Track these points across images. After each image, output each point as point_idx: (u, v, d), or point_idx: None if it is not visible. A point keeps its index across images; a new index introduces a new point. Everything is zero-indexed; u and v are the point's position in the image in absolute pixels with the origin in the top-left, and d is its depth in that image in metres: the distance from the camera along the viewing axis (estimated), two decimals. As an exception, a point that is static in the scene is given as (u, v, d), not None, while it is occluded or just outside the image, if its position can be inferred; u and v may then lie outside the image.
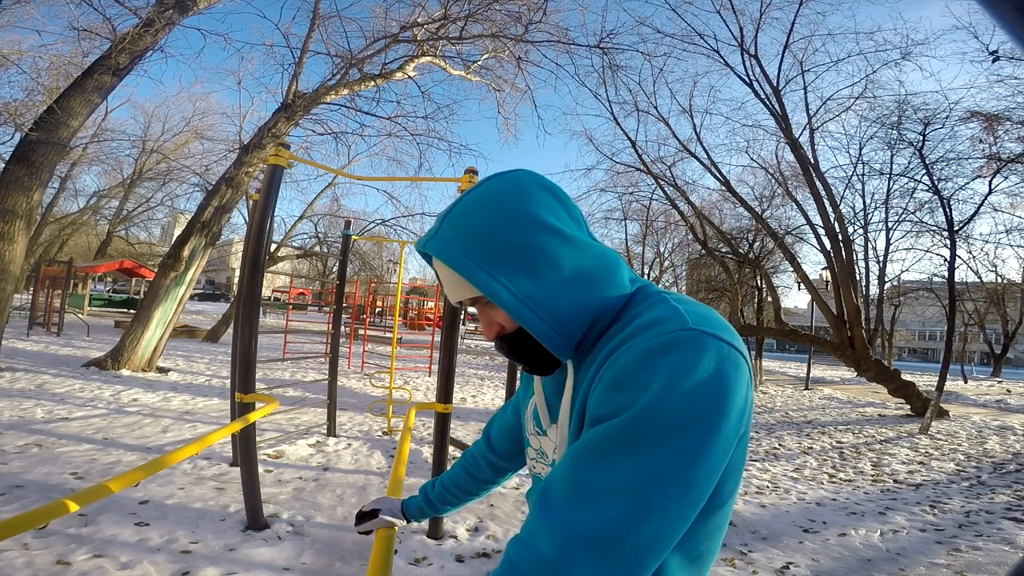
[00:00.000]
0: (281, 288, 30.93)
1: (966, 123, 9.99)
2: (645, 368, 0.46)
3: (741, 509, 3.62)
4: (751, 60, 10.04)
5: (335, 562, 2.37)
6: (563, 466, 0.49)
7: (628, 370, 0.47)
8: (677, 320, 0.49)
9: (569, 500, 0.46)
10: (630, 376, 0.47)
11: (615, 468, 0.45)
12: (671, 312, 0.51)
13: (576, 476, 0.47)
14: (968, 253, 14.12)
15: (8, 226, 5.20)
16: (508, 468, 0.91)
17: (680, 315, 0.50)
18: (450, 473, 0.95)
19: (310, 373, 8.38)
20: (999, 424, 7.92)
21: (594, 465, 0.46)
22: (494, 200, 0.56)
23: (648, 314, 0.53)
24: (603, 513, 0.43)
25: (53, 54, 7.86)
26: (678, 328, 0.48)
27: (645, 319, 0.52)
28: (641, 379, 0.46)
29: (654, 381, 0.45)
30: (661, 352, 0.46)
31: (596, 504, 0.44)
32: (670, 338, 0.47)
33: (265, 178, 2.79)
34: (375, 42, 8.54)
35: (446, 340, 2.83)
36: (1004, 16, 0.22)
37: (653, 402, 0.44)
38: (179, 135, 21.00)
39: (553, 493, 0.48)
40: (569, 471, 0.48)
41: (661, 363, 0.46)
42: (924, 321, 28.17)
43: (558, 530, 0.45)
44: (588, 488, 0.45)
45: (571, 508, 0.45)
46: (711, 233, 14.38)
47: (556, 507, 0.46)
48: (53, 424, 4.14)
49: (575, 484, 0.46)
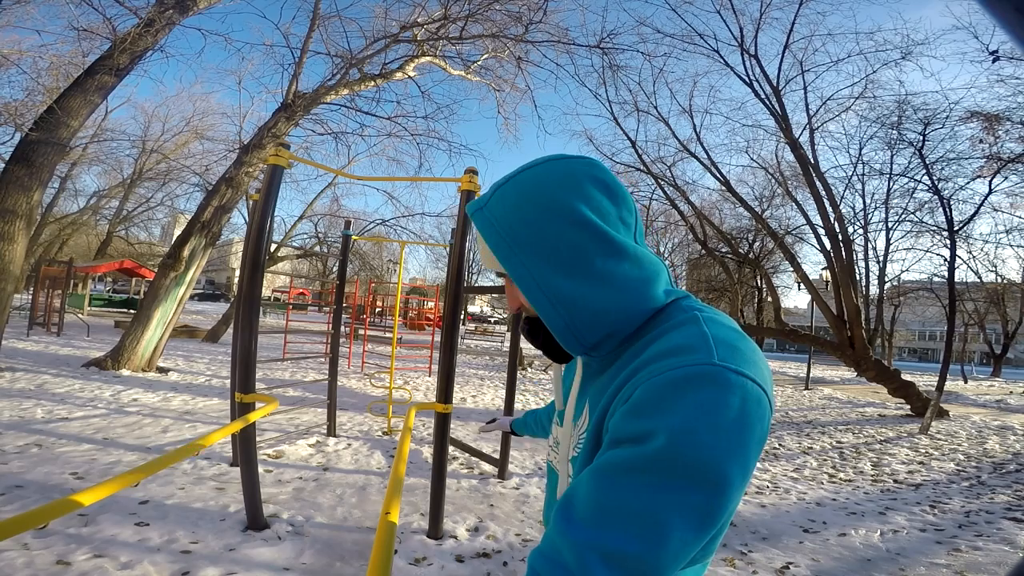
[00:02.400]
0: (281, 288, 30.94)
1: (966, 123, 10.01)
2: (667, 399, 0.46)
3: (741, 509, 3.62)
4: (751, 60, 10.05)
5: (335, 562, 2.37)
6: (585, 483, 0.49)
7: (649, 398, 0.48)
8: (704, 352, 0.48)
9: (591, 517, 0.46)
10: (651, 404, 0.47)
11: (640, 493, 0.45)
12: (699, 341, 0.50)
13: (599, 495, 0.47)
14: (968, 253, 14.15)
15: (8, 226, 5.20)
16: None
17: (708, 346, 0.49)
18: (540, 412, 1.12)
19: (310, 373, 8.38)
20: (999, 424, 7.92)
21: (617, 487, 0.46)
22: (545, 187, 0.56)
23: (675, 337, 0.52)
24: (624, 534, 0.44)
25: (53, 54, 7.86)
26: (703, 362, 0.47)
27: (671, 343, 0.51)
28: (662, 409, 0.46)
29: (676, 414, 0.45)
30: (684, 386, 0.46)
31: (617, 524, 0.45)
32: (694, 372, 0.47)
33: (265, 178, 2.79)
34: (375, 42, 8.55)
35: (446, 340, 2.83)
36: (1004, 16, 0.22)
37: (679, 436, 0.45)
38: (179, 135, 21.01)
39: (575, 508, 0.48)
40: (591, 489, 0.48)
41: (684, 397, 0.46)
42: (924, 321, 28.18)
43: (580, 544, 0.46)
44: (610, 508, 0.46)
45: (593, 525, 0.46)
46: (711, 233, 14.39)
47: (578, 523, 0.47)
48: (53, 424, 4.14)
49: (597, 503, 0.47)
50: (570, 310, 0.55)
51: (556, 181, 0.56)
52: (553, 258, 0.55)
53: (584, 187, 0.56)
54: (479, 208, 0.60)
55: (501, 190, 0.59)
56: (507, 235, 0.56)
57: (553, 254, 0.55)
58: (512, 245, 0.56)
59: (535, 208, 0.55)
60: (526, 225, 0.55)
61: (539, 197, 0.56)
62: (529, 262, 0.55)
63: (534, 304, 0.56)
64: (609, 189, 0.58)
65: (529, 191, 0.56)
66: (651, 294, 0.57)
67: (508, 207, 0.57)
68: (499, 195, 0.58)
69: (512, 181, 0.58)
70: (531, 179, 0.57)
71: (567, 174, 0.57)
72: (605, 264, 0.55)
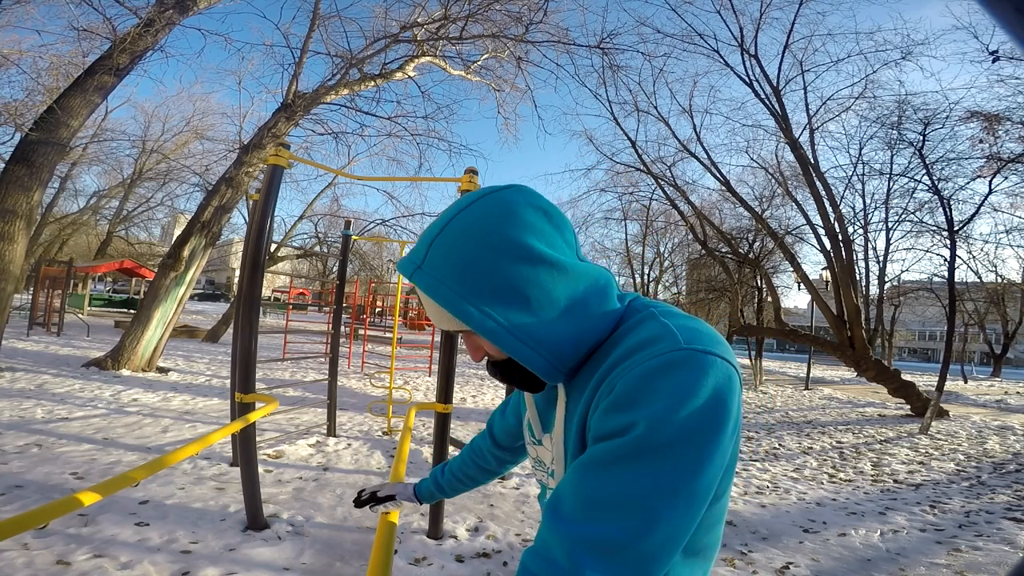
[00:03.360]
0: (281, 288, 30.93)
1: (966, 123, 9.99)
2: (644, 389, 0.48)
3: (741, 509, 3.62)
4: (751, 60, 10.05)
5: (335, 562, 2.37)
6: (570, 479, 0.50)
7: (627, 392, 0.49)
8: (670, 339, 0.50)
9: (579, 512, 0.47)
10: (629, 397, 0.49)
11: (622, 482, 0.46)
12: (663, 330, 0.52)
13: (584, 489, 0.48)
14: (968, 253, 14.13)
15: (8, 226, 5.20)
16: (511, 460, 0.97)
17: (672, 333, 0.51)
18: (457, 462, 1.00)
19: (310, 373, 8.38)
20: (999, 424, 7.92)
21: (601, 479, 0.48)
22: (484, 228, 0.52)
23: (640, 333, 0.53)
24: (613, 524, 0.45)
25: (53, 54, 7.86)
26: (673, 348, 0.49)
27: (638, 338, 0.52)
28: (641, 400, 0.48)
29: (654, 402, 0.47)
30: (659, 373, 0.48)
31: (605, 515, 0.46)
32: (666, 359, 0.49)
33: (265, 178, 2.79)
34: (375, 42, 8.55)
35: (446, 340, 2.82)
36: (1004, 16, 0.22)
37: (656, 422, 0.46)
38: (179, 135, 21.00)
39: (563, 505, 0.49)
40: (577, 484, 0.49)
41: (659, 384, 0.48)
42: (924, 321, 28.17)
43: (570, 539, 0.46)
44: (597, 500, 0.47)
45: (581, 519, 0.47)
46: (711, 233, 14.38)
47: (566, 519, 0.48)
48: (53, 424, 4.14)
49: (584, 497, 0.48)
50: (547, 346, 0.53)
51: (496, 217, 0.53)
52: (514, 298, 0.52)
53: (526, 217, 0.53)
54: (417, 267, 0.55)
55: (437, 241, 0.54)
56: (457, 287, 0.52)
57: (513, 293, 0.52)
58: (466, 296, 0.52)
59: (481, 250, 0.52)
60: (476, 271, 0.52)
61: (483, 238, 0.52)
62: (490, 309, 0.52)
63: (508, 350, 0.53)
64: (547, 213, 0.55)
65: (471, 233, 0.52)
66: (610, 304, 0.57)
67: (451, 257, 0.53)
68: (436, 246, 0.54)
69: (447, 228, 0.54)
70: (469, 221, 0.53)
71: (505, 208, 0.53)
72: (565, 290, 0.54)
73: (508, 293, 0.52)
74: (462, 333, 0.60)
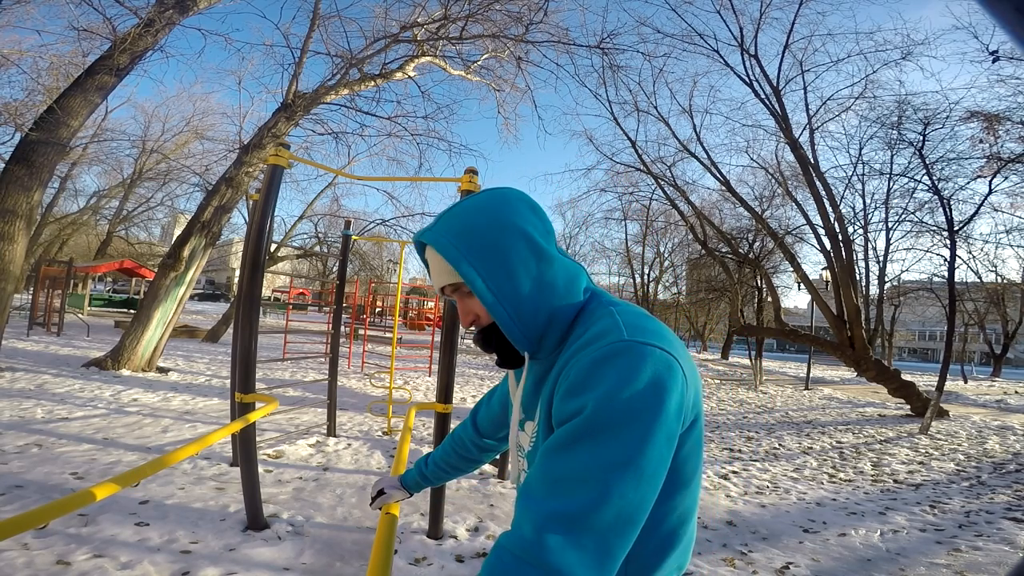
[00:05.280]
0: (281, 288, 30.94)
1: (966, 123, 10.00)
2: (591, 376, 0.56)
3: (741, 509, 3.62)
4: (751, 60, 10.05)
5: (335, 562, 2.37)
6: (537, 464, 0.57)
7: (578, 380, 0.57)
8: (615, 332, 0.58)
9: (543, 490, 0.54)
10: (580, 384, 0.56)
11: (577, 459, 0.53)
12: (611, 324, 0.60)
13: (547, 470, 0.55)
14: (968, 253, 14.14)
15: (8, 226, 5.20)
16: (493, 449, 1.03)
17: (618, 327, 0.59)
18: (440, 452, 1.06)
19: (310, 373, 8.38)
20: (999, 424, 7.92)
21: (560, 459, 0.54)
22: (485, 207, 0.66)
23: (594, 327, 0.62)
24: (572, 496, 0.51)
25: (53, 54, 7.86)
26: (616, 340, 0.57)
27: (591, 332, 0.61)
28: (589, 385, 0.55)
29: (600, 386, 0.54)
30: (603, 362, 0.56)
31: (565, 490, 0.52)
32: (610, 349, 0.56)
33: (265, 178, 2.79)
34: (375, 42, 8.54)
35: (446, 340, 2.83)
36: (1004, 16, 0.22)
37: (601, 403, 0.53)
38: (179, 135, 21.00)
39: (532, 486, 0.56)
40: (542, 467, 0.56)
41: (604, 371, 0.55)
42: (924, 321, 28.17)
43: (535, 514, 0.52)
44: (557, 478, 0.53)
45: (545, 496, 0.53)
46: (711, 233, 14.38)
47: (533, 497, 0.54)
48: (53, 424, 4.14)
49: (547, 477, 0.54)
50: (516, 306, 0.64)
51: (498, 204, 0.67)
52: (502, 266, 0.64)
53: (520, 209, 0.67)
54: (428, 230, 0.68)
55: (448, 214, 0.68)
56: (462, 245, 0.64)
57: (503, 263, 0.64)
58: (465, 253, 0.64)
59: (485, 224, 0.65)
60: (477, 237, 0.64)
61: (488, 216, 0.65)
62: (481, 267, 0.63)
63: (489, 309, 0.64)
64: (536, 211, 0.69)
65: (477, 209, 0.66)
66: (575, 292, 0.68)
67: (457, 224, 0.66)
68: (446, 218, 0.67)
69: (458, 207, 0.68)
70: (477, 203, 0.67)
71: (505, 199, 0.68)
72: (541, 269, 0.65)
73: (499, 261, 0.64)
74: (456, 296, 0.71)
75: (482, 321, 0.70)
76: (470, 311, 0.70)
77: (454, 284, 0.68)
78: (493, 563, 0.53)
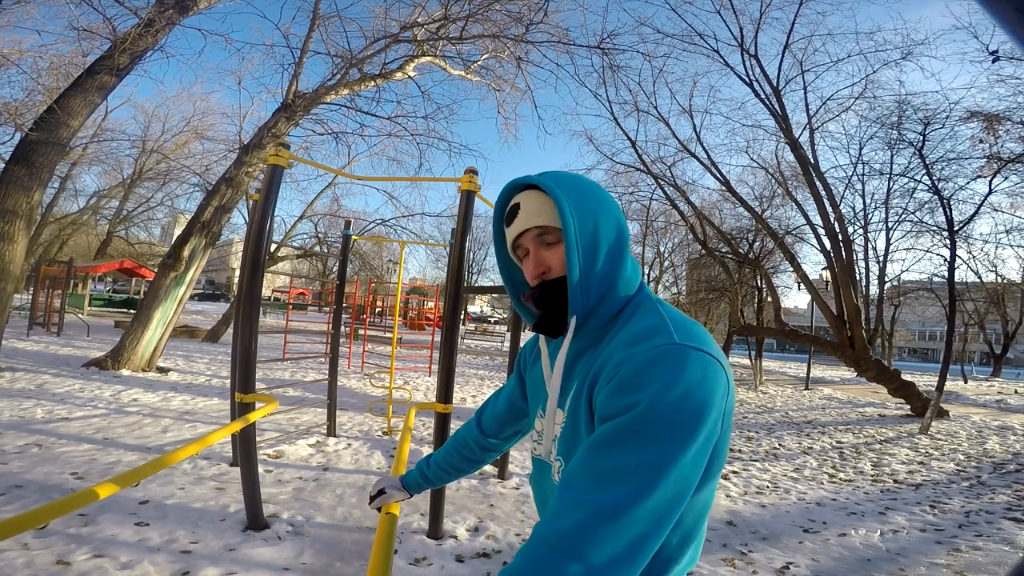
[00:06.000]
0: (281, 288, 30.91)
1: (966, 123, 9.99)
2: (643, 375, 0.57)
3: (741, 509, 3.62)
4: (751, 60, 10.04)
5: (335, 562, 2.37)
6: (580, 457, 0.58)
7: (630, 378, 0.58)
8: (666, 334, 0.60)
9: (587, 483, 0.55)
10: (631, 382, 0.58)
11: (623, 455, 0.54)
12: (660, 324, 0.63)
13: (592, 463, 0.56)
14: (968, 253, 14.12)
15: (8, 226, 5.20)
16: (497, 448, 1.03)
17: (668, 329, 0.61)
18: (442, 452, 1.06)
19: (310, 373, 8.38)
20: (999, 424, 7.92)
21: (606, 454, 0.56)
22: (594, 185, 0.74)
23: (641, 321, 0.65)
24: (616, 491, 0.53)
25: (53, 54, 7.86)
26: (668, 342, 0.59)
27: (640, 327, 0.64)
28: (640, 384, 0.57)
29: (651, 387, 0.56)
30: (655, 362, 0.57)
31: (609, 484, 0.54)
32: (662, 351, 0.58)
33: (265, 178, 2.79)
34: (375, 42, 8.54)
35: (446, 340, 2.83)
36: (1004, 16, 0.22)
37: (651, 403, 0.55)
38: (179, 135, 20.98)
39: (574, 479, 0.57)
40: (586, 460, 0.57)
41: (655, 372, 0.57)
42: (924, 321, 28.17)
43: (580, 506, 0.53)
44: (602, 472, 0.55)
45: (590, 488, 0.54)
46: (711, 233, 14.37)
47: (576, 489, 0.55)
48: (53, 424, 4.14)
49: (592, 470, 0.56)
50: (590, 270, 0.68)
51: (603, 190, 0.74)
52: (594, 231, 0.69)
53: (616, 204, 0.74)
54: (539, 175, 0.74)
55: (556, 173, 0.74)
56: (572, 197, 0.69)
57: (595, 229, 0.69)
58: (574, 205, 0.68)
59: (593, 195, 0.71)
60: (584, 200, 0.69)
61: (595, 191, 0.72)
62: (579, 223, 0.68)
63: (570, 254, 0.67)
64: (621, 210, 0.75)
65: (588, 183, 0.73)
66: (633, 284, 0.72)
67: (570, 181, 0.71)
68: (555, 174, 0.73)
69: (565, 172, 0.74)
70: (586, 179, 0.74)
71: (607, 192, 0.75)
72: (618, 251, 0.71)
73: (591, 227, 0.69)
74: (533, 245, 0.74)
75: (551, 275, 0.73)
76: (543, 262, 0.73)
77: (545, 228, 0.72)
78: (530, 553, 0.54)
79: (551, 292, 0.72)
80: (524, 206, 0.73)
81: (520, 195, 0.75)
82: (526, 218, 0.73)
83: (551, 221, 0.71)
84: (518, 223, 0.74)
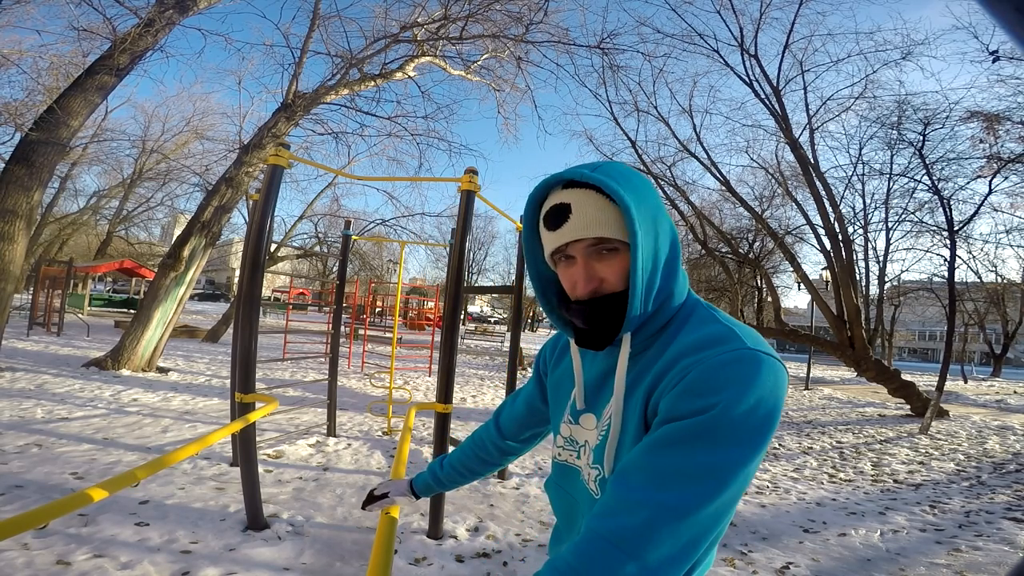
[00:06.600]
0: (281, 288, 30.90)
1: (966, 123, 9.99)
2: (716, 378, 0.56)
3: (741, 509, 3.62)
4: (751, 60, 10.04)
5: (335, 562, 2.37)
6: (639, 456, 0.57)
7: (703, 380, 0.56)
8: (737, 340, 0.59)
9: (650, 481, 0.54)
10: (705, 385, 0.56)
11: (694, 456, 0.53)
12: (727, 332, 0.61)
13: (657, 462, 0.55)
14: (968, 253, 14.13)
15: (8, 226, 5.20)
16: (515, 451, 1.00)
17: (737, 336, 0.60)
18: (457, 454, 1.02)
19: (310, 373, 8.38)
20: (999, 424, 7.92)
21: (674, 454, 0.55)
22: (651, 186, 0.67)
23: (704, 329, 0.63)
24: (682, 491, 0.52)
25: (53, 54, 7.86)
26: (740, 347, 0.58)
27: (707, 333, 0.61)
28: (713, 388, 0.55)
29: (726, 390, 0.55)
30: (729, 366, 0.56)
31: (675, 484, 0.53)
32: (736, 355, 0.57)
33: (265, 178, 2.79)
34: (375, 42, 8.55)
35: (446, 340, 2.83)
36: (1004, 16, 0.22)
37: (726, 407, 0.54)
38: (179, 135, 20.99)
39: (632, 476, 0.56)
40: (649, 459, 0.56)
41: (729, 375, 0.56)
42: (924, 321, 28.17)
43: (643, 504, 0.53)
44: (668, 472, 0.54)
45: (656, 488, 0.53)
46: (711, 233, 14.38)
47: (637, 487, 0.55)
48: (53, 424, 4.14)
49: (656, 469, 0.55)
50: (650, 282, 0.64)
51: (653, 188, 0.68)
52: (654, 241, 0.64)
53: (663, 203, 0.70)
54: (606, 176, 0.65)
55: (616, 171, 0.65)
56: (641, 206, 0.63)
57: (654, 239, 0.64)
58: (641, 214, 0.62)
59: (652, 199, 0.66)
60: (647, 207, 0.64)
61: (654, 194, 0.67)
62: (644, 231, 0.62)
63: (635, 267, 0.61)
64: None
65: (647, 184, 0.67)
66: (683, 292, 0.69)
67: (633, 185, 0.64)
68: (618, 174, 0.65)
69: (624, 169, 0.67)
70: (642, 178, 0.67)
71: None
72: (672, 260, 0.67)
73: (652, 236, 0.64)
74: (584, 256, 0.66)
75: (605, 289, 0.65)
76: (596, 275, 0.65)
77: (603, 238, 0.63)
78: (587, 549, 0.53)
79: (604, 308, 0.65)
80: (578, 210, 0.64)
81: (568, 193, 0.65)
82: (582, 226, 0.63)
83: (614, 233, 0.63)
84: (570, 229, 0.64)
